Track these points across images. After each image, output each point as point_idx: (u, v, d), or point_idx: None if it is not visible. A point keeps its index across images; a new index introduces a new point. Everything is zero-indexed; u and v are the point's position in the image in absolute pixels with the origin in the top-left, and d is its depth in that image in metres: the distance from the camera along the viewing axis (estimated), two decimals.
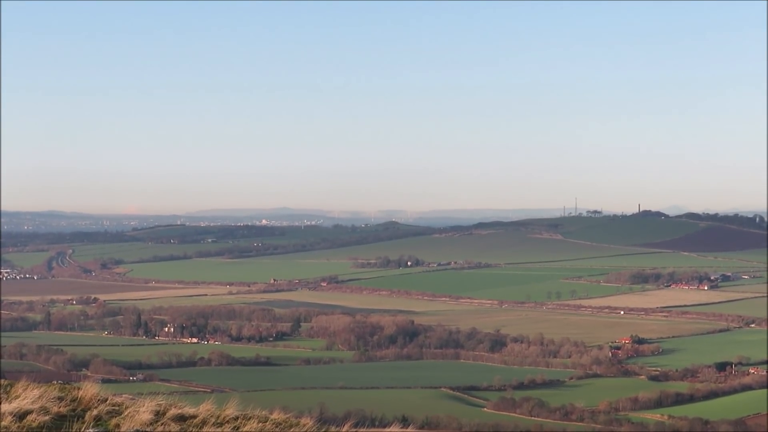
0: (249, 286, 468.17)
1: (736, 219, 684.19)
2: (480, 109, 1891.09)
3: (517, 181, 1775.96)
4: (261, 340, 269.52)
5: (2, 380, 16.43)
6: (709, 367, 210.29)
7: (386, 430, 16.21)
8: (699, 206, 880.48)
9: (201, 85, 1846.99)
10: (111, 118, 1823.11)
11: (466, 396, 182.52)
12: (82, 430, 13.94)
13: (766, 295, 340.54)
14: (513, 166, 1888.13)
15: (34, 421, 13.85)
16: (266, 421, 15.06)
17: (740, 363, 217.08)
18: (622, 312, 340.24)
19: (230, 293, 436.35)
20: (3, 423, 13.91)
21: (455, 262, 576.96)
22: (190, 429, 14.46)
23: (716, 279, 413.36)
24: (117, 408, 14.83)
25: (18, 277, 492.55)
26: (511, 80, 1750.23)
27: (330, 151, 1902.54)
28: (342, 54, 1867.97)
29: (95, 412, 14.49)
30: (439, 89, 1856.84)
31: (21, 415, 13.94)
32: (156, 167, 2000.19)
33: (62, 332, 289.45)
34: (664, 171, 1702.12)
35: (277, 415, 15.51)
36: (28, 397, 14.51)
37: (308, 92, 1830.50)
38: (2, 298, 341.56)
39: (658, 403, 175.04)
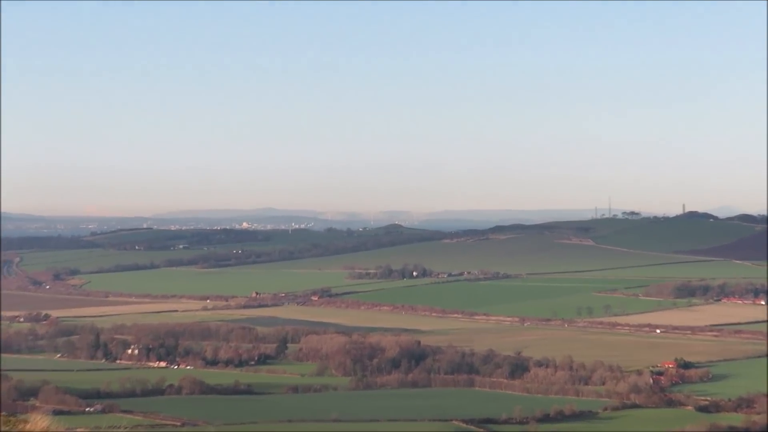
0: (227, 301, 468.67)
1: None
2: (495, 98, 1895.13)
3: (540, 179, 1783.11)
4: (241, 364, 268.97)
5: None
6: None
7: None
8: (753, 207, 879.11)
9: (173, 70, 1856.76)
10: (66, 106, 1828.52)
11: (481, 430, 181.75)
12: None
13: None
14: (536, 162, 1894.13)
15: None
16: None
17: None
18: (659, 331, 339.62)
19: (205, 309, 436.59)
20: None
21: (469, 272, 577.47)
22: None
23: None
24: None
25: None
26: (537, 68, 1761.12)
27: (323, 144, 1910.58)
28: (336, 39, 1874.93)
29: None
30: (452, 74, 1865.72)
31: None
32: (119, 162, 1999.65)
33: (7, 354, 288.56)
34: (712, 166, 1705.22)
35: None
36: None
37: (297, 79, 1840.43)
38: None
39: None
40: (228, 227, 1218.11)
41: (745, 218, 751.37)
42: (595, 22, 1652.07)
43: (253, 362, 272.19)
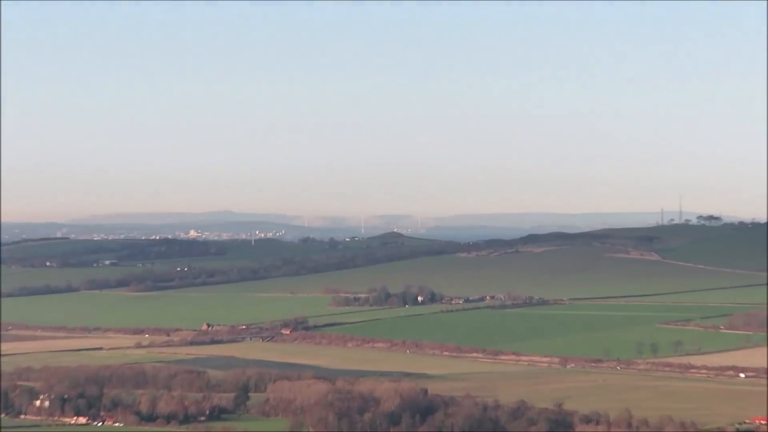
0: (169, 335, 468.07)
1: None
2: (525, 71, 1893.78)
3: (589, 174, 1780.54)
4: (187, 419, 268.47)
5: None
6: None
7: None
8: None
9: (111, 59, 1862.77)
10: None
11: None
12: None
13: None
14: (582, 153, 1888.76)
15: None
16: None
17: None
18: (746, 375, 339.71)
19: (140, 346, 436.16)
20: None
21: (492, 297, 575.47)
22: None
23: None
24: None
25: None
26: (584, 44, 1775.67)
27: (300, 134, 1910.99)
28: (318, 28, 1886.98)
29: None
30: (467, 42, 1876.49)
31: None
32: (27, 152, 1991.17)
33: None
34: None
35: None
36: None
37: (268, 63, 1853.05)
38: None
39: None
40: (170, 236, 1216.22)
41: None
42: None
43: (203, 417, 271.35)
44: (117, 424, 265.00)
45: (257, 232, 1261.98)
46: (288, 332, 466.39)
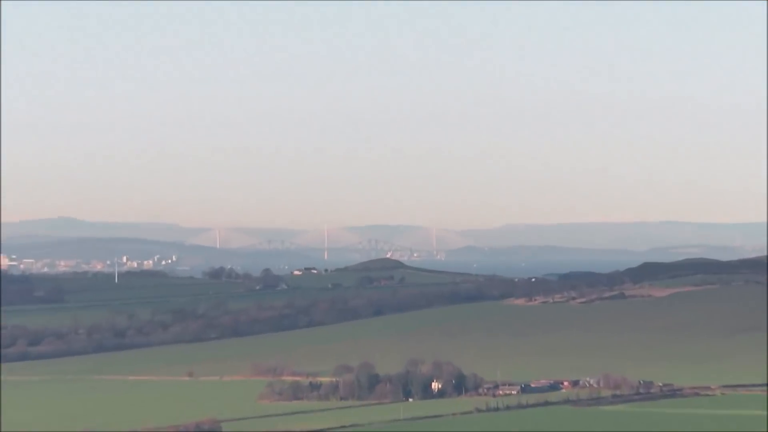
0: None
1: None
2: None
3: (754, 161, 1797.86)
4: None
5: None
6: None
7: None
8: None
9: None
10: None
11: None
12: None
13: None
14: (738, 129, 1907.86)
15: None
16: None
17: None
18: None
19: None
20: None
21: (575, 383, 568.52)
22: None
23: None
24: None
25: None
26: None
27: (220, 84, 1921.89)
28: None
29: None
30: None
31: None
32: None
33: None
34: None
35: None
36: None
37: None
38: None
39: None
40: None
41: None
42: None
43: None
44: None
45: (125, 259, 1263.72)
46: None
